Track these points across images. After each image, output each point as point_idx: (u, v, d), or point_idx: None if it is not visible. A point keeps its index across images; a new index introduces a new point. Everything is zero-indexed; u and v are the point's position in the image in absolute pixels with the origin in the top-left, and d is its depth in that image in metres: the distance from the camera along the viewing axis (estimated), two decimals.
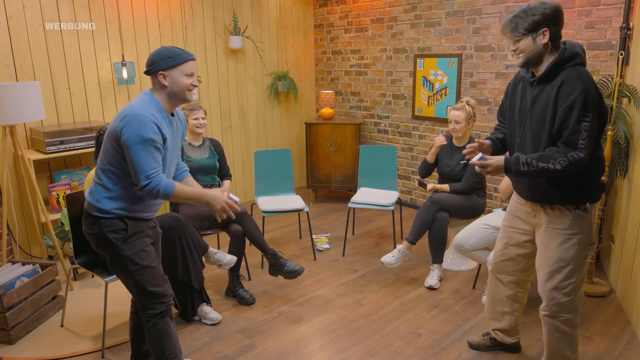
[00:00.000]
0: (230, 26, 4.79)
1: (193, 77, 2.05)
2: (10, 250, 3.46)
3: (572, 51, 1.92)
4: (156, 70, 1.99)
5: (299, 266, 3.06)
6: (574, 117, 1.84)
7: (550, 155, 1.89)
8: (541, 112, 1.97)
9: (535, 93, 2.00)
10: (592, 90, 1.85)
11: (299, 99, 5.68)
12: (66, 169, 3.86)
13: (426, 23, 4.58)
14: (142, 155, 1.91)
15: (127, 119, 1.91)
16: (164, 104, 2.04)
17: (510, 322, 2.45)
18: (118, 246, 2.04)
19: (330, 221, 4.71)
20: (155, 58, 2.00)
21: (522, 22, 1.92)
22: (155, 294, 2.09)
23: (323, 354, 2.60)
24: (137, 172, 1.93)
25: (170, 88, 2.01)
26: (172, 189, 1.97)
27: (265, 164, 4.03)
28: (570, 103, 1.85)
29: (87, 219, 2.10)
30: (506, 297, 2.41)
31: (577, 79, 1.87)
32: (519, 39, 1.95)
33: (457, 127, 3.30)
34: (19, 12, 3.51)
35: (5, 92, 2.92)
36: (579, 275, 2.07)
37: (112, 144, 1.98)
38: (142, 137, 1.90)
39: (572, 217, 2.01)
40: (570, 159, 1.85)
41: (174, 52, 2.00)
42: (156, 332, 2.11)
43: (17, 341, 2.71)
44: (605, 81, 3.22)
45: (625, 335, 2.71)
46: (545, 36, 1.91)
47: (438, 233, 3.27)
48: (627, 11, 3.30)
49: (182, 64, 2.00)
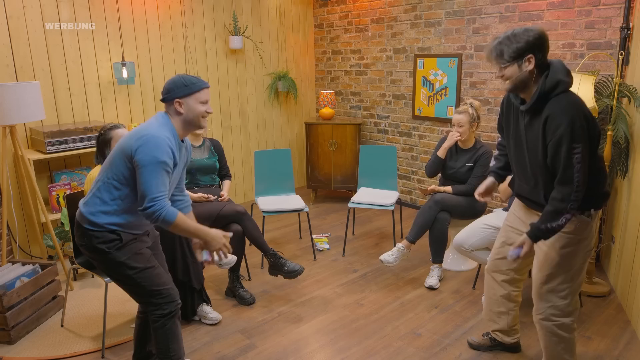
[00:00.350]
0: (230, 26, 4.79)
1: (207, 105, 2.09)
2: (10, 250, 3.47)
3: (552, 80, 1.89)
4: (172, 98, 2.04)
5: (299, 266, 3.06)
6: (564, 152, 1.85)
7: (559, 209, 1.89)
8: (535, 144, 1.98)
9: (526, 122, 2.01)
10: (577, 120, 1.84)
11: (299, 99, 5.68)
12: (66, 169, 3.87)
13: (426, 23, 4.58)
14: (152, 177, 1.92)
15: (144, 139, 1.94)
16: (178, 129, 2.08)
17: (507, 322, 2.46)
18: (112, 253, 2.04)
19: (330, 221, 4.71)
20: (172, 86, 2.05)
21: (507, 50, 1.91)
22: (161, 293, 2.09)
23: (323, 354, 2.60)
24: (144, 193, 1.93)
25: (185, 115, 2.06)
26: (173, 218, 1.97)
27: (265, 164, 4.03)
28: (557, 139, 1.85)
29: (77, 230, 2.10)
30: (501, 296, 2.42)
31: (560, 113, 1.85)
32: (504, 66, 1.94)
33: (460, 130, 3.28)
34: (19, 12, 3.51)
35: (5, 92, 2.92)
36: (577, 280, 2.07)
37: (123, 161, 1.99)
38: (157, 159, 1.92)
39: (577, 222, 2.00)
40: (574, 199, 1.86)
41: (189, 80, 2.05)
42: (164, 333, 2.11)
43: (17, 341, 2.71)
44: (605, 81, 3.22)
45: (625, 335, 2.71)
46: (530, 63, 1.90)
47: (439, 233, 3.27)
48: (627, 11, 3.30)
49: (197, 92, 2.05)
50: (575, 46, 3.65)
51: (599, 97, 3.17)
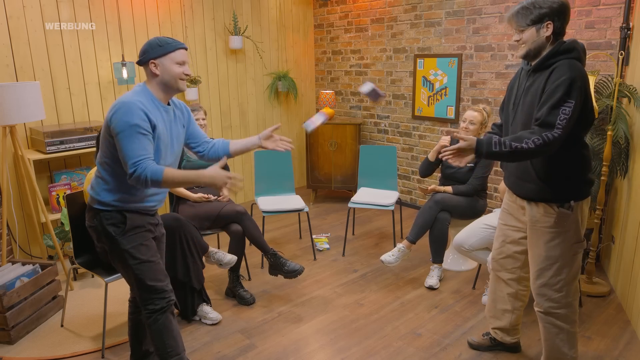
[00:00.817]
0: (230, 26, 4.79)
1: (185, 66, 2.05)
2: (10, 250, 3.46)
3: (570, 45, 1.94)
4: (147, 59, 2.01)
5: (299, 266, 3.06)
6: (555, 99, 1.86)
7: (524, 136, 1.89)
8: (531, 101, 1.99)
9: (528, 82, 2.03)
10: (579, 81, 1.86)
11: (299, 99, 5.68)
12: (66, 169, 3.86)
13: (426, 23, 4.58)
14: (128, 142, 1.90)
15: (116, 107, 1.93)
16: (157, 93, 2.05)
17: (510, 320, 2.46)
18: (117, 239, 2.05)
19: (330, 221, 4.71)
20: (147, 47, 2.02)
21: (529, 13, 1.95)
22: (155, 289, 2.09)
23: (323, 354, 2.60)
24: (124, 159, 1.91)
25: (161, 76, 2.02)
26: (159, 174, 1.90)
27: (265, 164, 4.03)
28: (554, 87, 1.87)
29: (88, 212, 2.12)
30: (508, 294, 2.41)
31: (567, 67, 1.89)
32: (523, 30, 1.97)
33: (471, 127, 3.25)
34: (19, 12, 3.51)
35: (5, 92, 2.92)
36: (569, 271, 2.08)
37: (104, 136, 2.00)
38: (128, 123, 1.90)
39: (557, 215, 2.03)
40: (545, 138, 1.84)
41: (164, 40, 2.02)
42: (157, 329, 2.10)
43: (17, 341, 2.71)
44: (605, 81, 3.22)
45: (625, 335, 2.71)
46: (548, 29, 1.93)
47: (439, 233, 3.27)
48: (627, 11, 3.30)
49: (172, 52, 2.01)
50: None
51: (599, 97, 3.17)
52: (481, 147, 1.94)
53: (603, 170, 3.08)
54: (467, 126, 3.27)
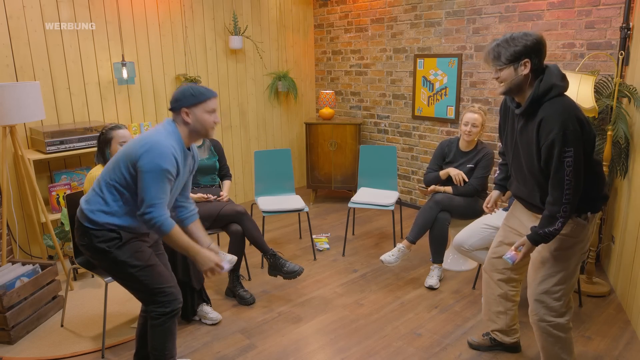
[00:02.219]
0: (230, 26, 4.79)
1: (215, 114, 2.11)
2: (10, 250, 3.46)
3: (547, 84, 1.91)
4: (180, 107, 2.05)
5: (298, 266, 3.06)
6: (555, 156, 1.87)
7: (553, 212, 1.92)
8: (529, 147, 1.99)
9: (520, 125, 2.03)
10: (569, 124, 1.85)
11: (299, 99, 5.68)
12: (66, 169, 3.86)
13: (426, 23, 4.58)
14: (153, 184, 1.94)
15: (148, 145, 1.95)
16: (184, 138, 2.10)
17: (506, 321, 2.47)
18: (113, 252, 2.05)
19: (330, 221, 4.71)
20: (180, 96, 2.06)
21: (504, 52, 1.93)
22: (163, 291, 2.09)
23: (323, 354, 2.60)
24: (144, 199, 1.95)
25: (192, 125, 2.07)
26: (169, 228, 1.98)
27: (265, 164, 4.03)
28: (549, 143, 1.87)
29: (78, 230, 2.11)
30: (498, 296, 2.43)
31: (553, 117, 1.87)
32: (500, 68, 1.96)
33: (474, 130, 3.25)
34: (19, 12, 3.51)
35: (5, 92, 2.92)
36: (570, 282, 2.09)
37: (126, 165, 2.00)
38: (160, 166, 1.93)
39: (574, 224, 2.02)
40: (567, 202, 1.89)
41: (198, 90, 2.07)
42: (162, 331, 2.11)
43: (17, 341, 2.71)
44: (605, 81, 3.22)
45: (625, 335, 2.71)
46: (526, 67, 1.92)
47: (439, 233, 3.27)
48: (627, 11, 3.30)
49: (204, 102, 2.06)
50: (575, 46, 3.65)
51: (599, 97, 3.16)
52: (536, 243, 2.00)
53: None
54: (470, 129, 3.26)
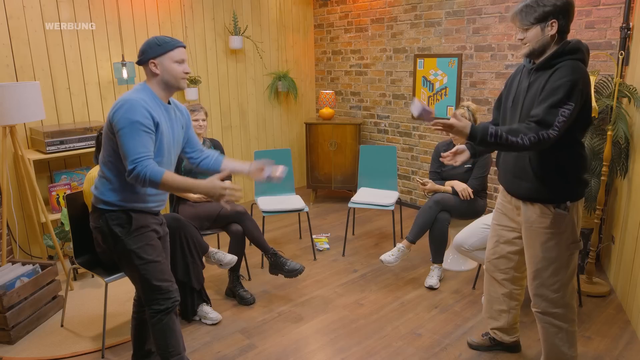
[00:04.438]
0: (230, 26, 4.79)
1: (184, 64, 2.06)
2: (10, 250, 3.46)
3: (575, 46, 1.93)
4: (147, 58, 2.02)
5: (299, 265, 3.06)
6: (556, 99, 1.85)
7: (520, 130, 1.87)
8: (532, 100, 1.98)
9: (531, 80, 2.02)
10: (581, 84, 1.86)
11: (299, 99, 5.68)
12: (66, 169, 3.86)
13: (426, 23, 4.58)
14: (130, 139, 1.89)
15: (118, 104, 1.93)
16: (158, 92, 2.05)
17: (508, 320, 2.46)
18: (124, 240, 2.04)
19: (330, 221, 4.71)
20: (146, 47, 2.02)
21: (533, 12, 1.93)
22: (161, 289, 2.09)
23: (323, 354, 2.60)
24: (125, 157, 1.90)
25: (162, 75, 2.03)
26: (159, 177, 1.90)
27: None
28: (556, 86, 1.86)
29: (93, 213, 2.11)
30: (502, 295, 2.42)
31: (570, 69, 1.87)
32: (527, 28, 1.96)
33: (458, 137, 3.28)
34: (19, 12, 3.51)
35: (5, 92, 2.92)
36: (566, 272, 2.08)
37: (107, 134, 2.00)
38: (130, 119, 1.90)
39: (553, 216, 2.02)
40: (540, 136, 1.84)
41: (163, 40, 2.02)
42: (160, 328, 2.11)
43: (17, 341, 2.70)
44: (605, 81, 3.22)
45: (625, 335, 2.71)
46: (553, 28, 1.92)
47: (439, 233, 3.27)
48: (627, 11, 3.30)
49: (171, 51, 2.02)
50: None
51: (599, 97, 3.17)
52: (475, 133, 1.91)
53: (603, 170, 3.08)
54: (453, 136, 3.31)
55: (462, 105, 3.31)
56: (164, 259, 2.15)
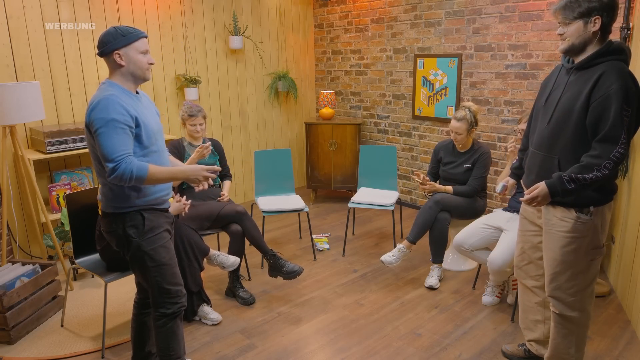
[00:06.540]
0: (230, 26, 4.79)
1: (148, 55, 2.02)
2: (10, 250, 3.46)
3: (619, 46, 1.87)
4: (110, 50, 1.94)
5: (298, 267, 3.06)
6: (615, 110, 1.78)
7: (593, 163, 1.81)
8: (571, 101, 1.91)
9: (569, 80, 1.95)
10: (632, 86, 1.80)
11: (299, 99, 5.68)
12: (66, 169, 3.86)
13: (426, 23, 4.58)
14: (108, 138, 1.84)
15: (91, 106, 1.89)
16: (125, 84, 2.00)
17: (544, 331, 2.33)
18: (137, 242, 2.02)
19: (330, 221, 4.71)
20: (108, 38, 1.94)
21: (577, 6, 1.87)
22: (170, 293, 2.09)
23: (323, 354, 2.60)
24: (105, 157, 1.84)
25: (127, 67, 1.98)
26: (145, 172, 1.87)
27: (265, 164, 4.03)
28: (607, 97, 1.79)
29: (105, 218, 2.07)
30: (536, 303, 2.32)
31: (616, 73, 1.81)
32: (569, 23, 1.90)
33: (458, 137, 3.27)
34: (19, 12, 3.51)
35: (5, 92, 2.92)
36: (584, 277, 2.03)
37: (89, 141, 1.95)
38: (106, 118, 1.84)
39: (574, 220, 1.96)
40: (614, 159, 1.78)
41: (126, 30, 1.96)
42: (164, 332, 2.11)
43: (17, 341, 2.71)
44: None
45: (625, 335, 2.71)
46: (596, 24, 1.86)
47: (439, 233, 3.27)
48: (627, 11, 3.30)
49: (135, 42, 1.97)
50: None
51: None
52: (556, 190, 1.89)
53: None
54: (454, 137, 3.30)
55: (463, 105, 3.31)
56: (176, 262, 2.14)
